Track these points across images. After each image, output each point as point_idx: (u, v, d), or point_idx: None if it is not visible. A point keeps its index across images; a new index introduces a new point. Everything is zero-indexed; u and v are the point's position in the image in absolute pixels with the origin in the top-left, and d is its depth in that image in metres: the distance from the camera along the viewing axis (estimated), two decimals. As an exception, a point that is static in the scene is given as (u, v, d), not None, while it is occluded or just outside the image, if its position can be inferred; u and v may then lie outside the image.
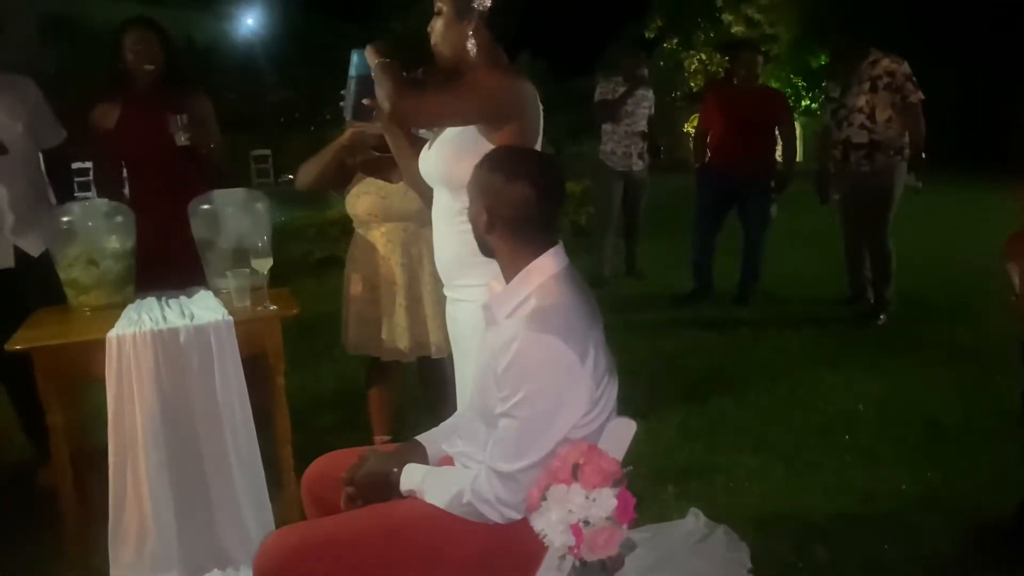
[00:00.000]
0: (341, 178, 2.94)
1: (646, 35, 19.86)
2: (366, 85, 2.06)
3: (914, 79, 4.72)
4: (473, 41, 1.98)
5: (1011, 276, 2.27)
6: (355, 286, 2.99)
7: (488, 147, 1.86)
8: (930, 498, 2.82)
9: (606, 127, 6.21)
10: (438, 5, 2.00)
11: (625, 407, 1.72)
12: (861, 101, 4.80)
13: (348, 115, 2.13)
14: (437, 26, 2.01)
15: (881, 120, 4.76)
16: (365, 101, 2.07)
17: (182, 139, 3.05)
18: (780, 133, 5.60)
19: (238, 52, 20.97)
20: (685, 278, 5.93)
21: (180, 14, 19.44)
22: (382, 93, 1.91)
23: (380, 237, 2.93)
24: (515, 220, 1.64)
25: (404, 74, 2.23)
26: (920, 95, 4.72)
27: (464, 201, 1.91)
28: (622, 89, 6.10)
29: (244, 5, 23.51)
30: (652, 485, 2.91)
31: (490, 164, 1.69)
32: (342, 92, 2.13)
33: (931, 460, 3.09)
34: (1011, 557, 2.41)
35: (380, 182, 2.86)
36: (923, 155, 4.75)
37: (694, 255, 5.84)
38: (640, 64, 6.32)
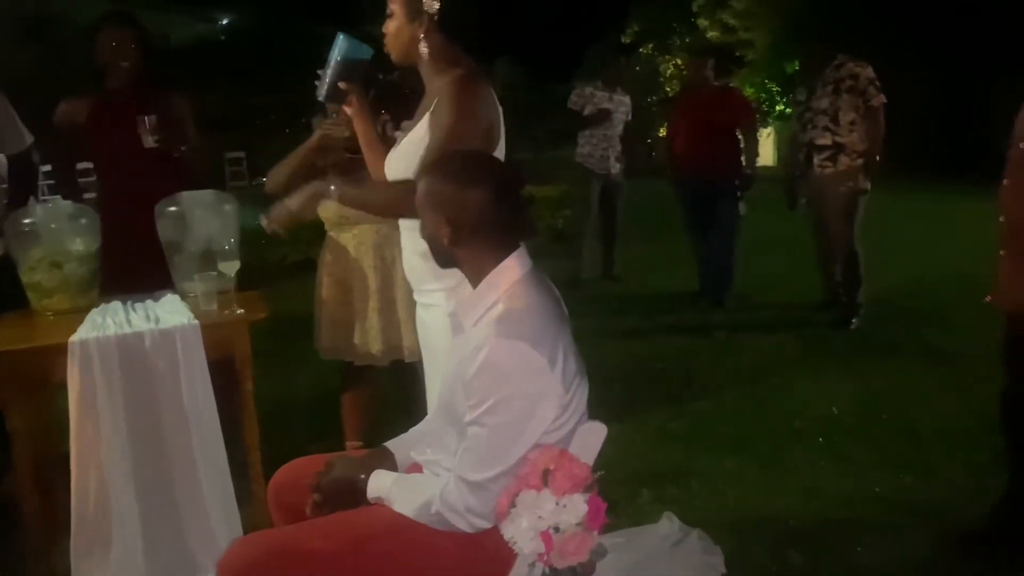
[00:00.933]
0: (312, 181, 2.90)
1: (623, 40, 19.93)
2: (348, 69, 2.06)
3: (877, 83, 4.76)
4: (425, 43, 1.98)
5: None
6: (327, 289, 2.95)
7: None
8: (905, 501, 2.82)
9: (584, 131, 6.23)
10: (390, 7, 2.02)
11: (601, 411, 1.69)
12: (825, 103, 4.83)
13: (321, 96, 2.10)
14: (390, 28, 2.03)
15: (844, 123, 4.79)
16: (342, 85, 2.06)
17: (149, 140, 2.99)
18: (741, 132, 5.64)
19: (214, 54, 20.79)
20: (666, 282, 5.94)
21: (156, 15, 19.22)
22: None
23: (352, 240, 2.90)
24: (477, 227, 1.60)
25: (380, 76, 2.22)
26: (882, 98, 4.75)
27: None
28: (599, 94, 6.15)
29: (221, 7, 23.34)
30: (628, 489, 2.89)
31: (440, 175, 1.63)
32: (318, 72, 2.10)
33: (906, 463, 3.10)
34: (986, 560, 2.41)
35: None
36: (878, 158, 4.79)
37: (695, 256, 5.92)
38: (619, 74, 6.38)
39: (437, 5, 1.97)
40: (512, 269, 1.62)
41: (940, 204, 9.89)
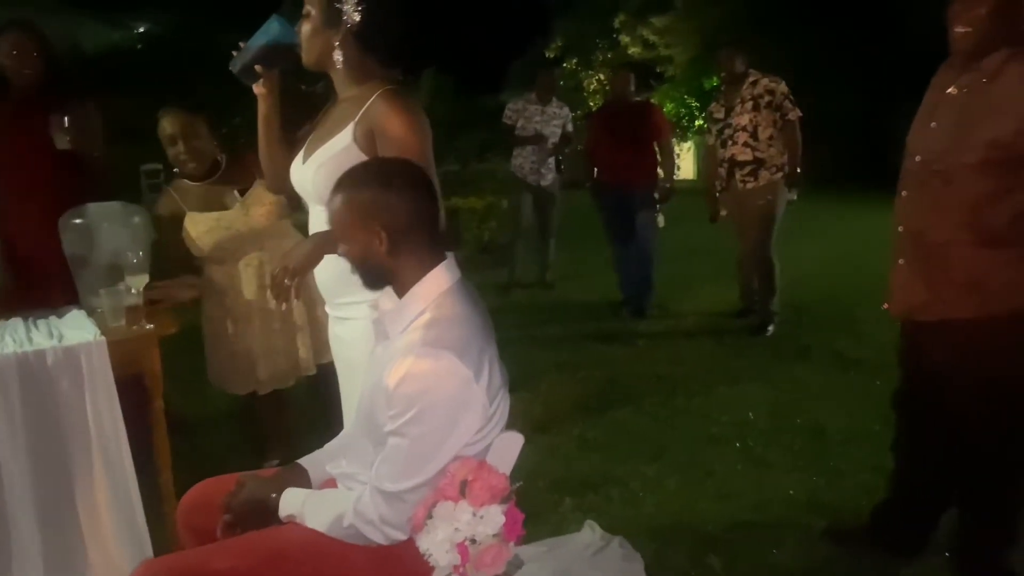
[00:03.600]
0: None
1: (547, 54, 20.16)
2: (272, 54, 2.00)
3: (791, 97, 4.96)
4: (340, 52, 1.94)
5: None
6: (219, 324, 2.90)
7: None
8: (817, 503, 2.90)
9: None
10: (306, 8, 1.96)
11: (523, 420, 1.69)
12: (745, 120, 4.99)
13: (234, 68, 2.04)
14: (304, 29, 1.97)
15: (763, 138, 4.97)
16: (258, 68, 2.00)
17: (63, 141, 2.89)
18: (658, 147, 5.77)
19: (130, 62, 20.17)
20: (588, 291, 5.98)
21: (68, 20, 18.51)
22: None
23: (236, 269, 2.85)
24: (411, 230, 1.57)
25: (303, 87, 2.17)
26: (798, 112, 4.96)
27: None
28: (531, 108, 6.29)
29: (136, 13, 22.65)
30: (550, 498, 2.90)
31: (364, 183, 1.58)
32: (241, 44, 2.05)
33: (817, 466, 3.20)
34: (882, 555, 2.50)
35: (215, 213, 2.79)
36: (798, 170, 5.00)
37: (615, 267, 5.98)
38: (551, 86, 6.48)
39: (357, 17, 1.91)
40: (441, 279, 1.60)
41: (856, 214, 10.26)
